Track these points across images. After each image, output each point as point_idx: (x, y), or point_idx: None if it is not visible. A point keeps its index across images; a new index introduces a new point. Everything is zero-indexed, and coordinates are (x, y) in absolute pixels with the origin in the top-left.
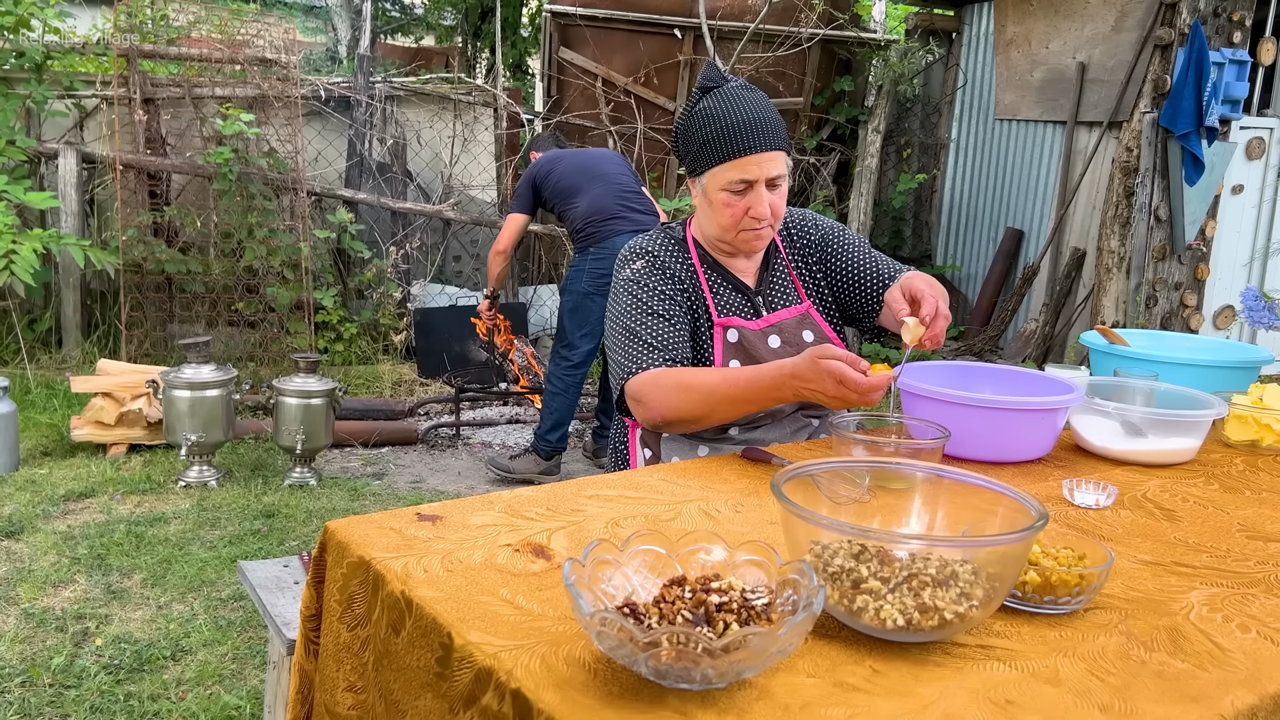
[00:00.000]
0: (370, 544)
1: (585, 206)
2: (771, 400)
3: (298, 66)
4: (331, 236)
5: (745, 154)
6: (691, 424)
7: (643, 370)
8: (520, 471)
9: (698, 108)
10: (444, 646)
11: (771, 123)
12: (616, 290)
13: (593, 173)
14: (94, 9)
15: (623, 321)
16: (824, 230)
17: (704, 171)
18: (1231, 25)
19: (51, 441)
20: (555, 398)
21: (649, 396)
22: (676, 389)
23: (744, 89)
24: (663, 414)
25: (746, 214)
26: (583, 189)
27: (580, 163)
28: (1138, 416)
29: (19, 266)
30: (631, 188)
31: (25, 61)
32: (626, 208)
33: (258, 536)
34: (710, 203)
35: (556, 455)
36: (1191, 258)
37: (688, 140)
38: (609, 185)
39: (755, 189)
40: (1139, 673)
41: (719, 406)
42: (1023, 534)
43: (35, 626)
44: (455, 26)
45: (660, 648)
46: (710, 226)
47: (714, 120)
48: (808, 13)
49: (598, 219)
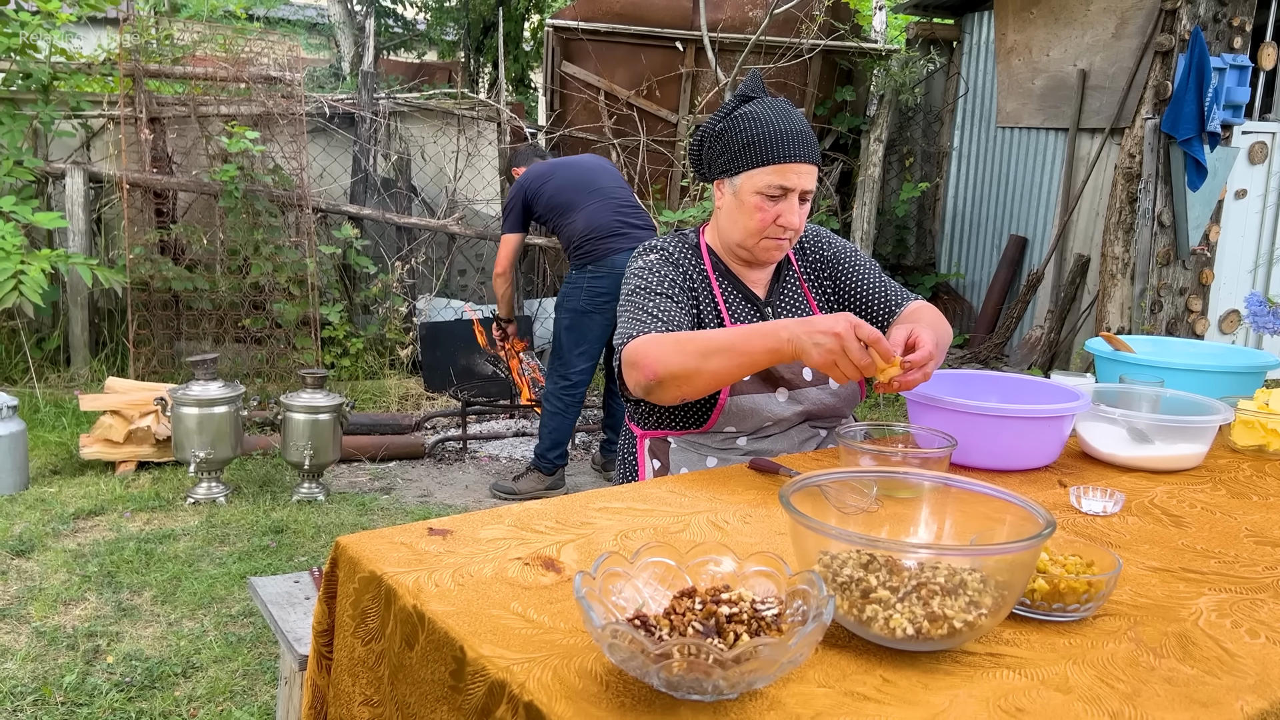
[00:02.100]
0: (382, 559)
1: (583, 223)
2: (767, 350)
3: (302, 84)
4: (337, 252)
5: (788, 161)
6: (684, 382)
7: (643, 335)
8: (525, 491)
9: (739, 112)
10: (457, 660)
11: (811, 139)
12: (629, 277)
13: (589, 187)
14: (99, 29)
15: (630, 300)
16: (837, 249)
17: (740, 172)
18: (1232, 30)
19: (60, 460)
20: (553, 418)
21: (645, 355)
22: (673, 343)
23: (786, 104)
24: (655, 371)
25: (775, 221)
26: (579, 204)
27: (574, 176)
28: (1144, 423)
29: (27, 287)
30: (629, 201)
31: (32, 83)
32: (625, 224)
33: (267, 552)
34: (741, 204)
35: (559, 469)
36: (1196, 263)
37: (724, 142)
38: (606, 200)
39: (789, 197)
40: (1148, 679)
41: (713, 357)
42: (1030, 542)
43: (47, 645)
44: (457, 41)
45: (671, 659)
46: (734, 230)
47: (760, 124)
48: (809, 24)
49: (596, 236)
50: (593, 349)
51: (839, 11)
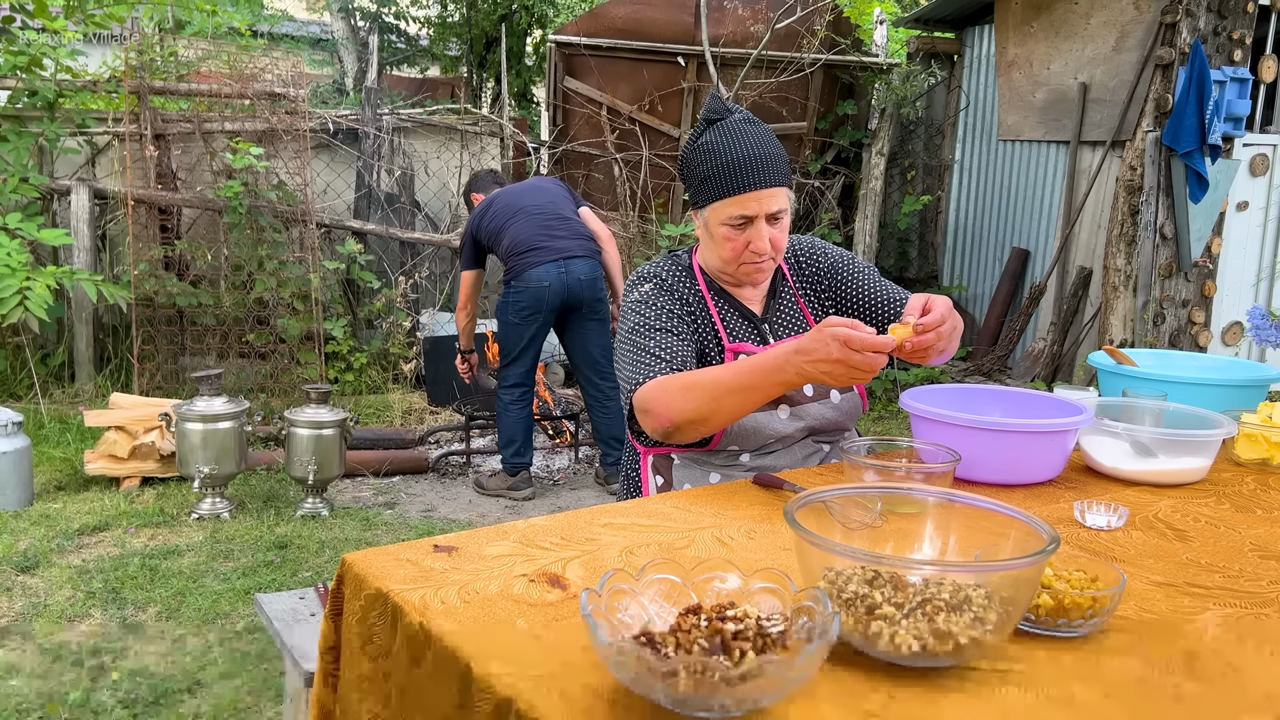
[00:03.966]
0: (387, 576)
1: (508, 242)
2: (777, 384)
3: (306, 100)
4: (341, 267)
5: (745, 190)
6: (700, 424)
7: (649, 379)
8: (491, 490)
9: (700, 141)
10: (464, 678)
11: (772, 158)
12: (625, 312)
13: (515, 208)
14: (104, 46)
15: (630, 339)
16: (833, 258)
17: (705, 205)
18: (1232, 44)
19: (65, 476)
20: (499, 418)
21: (655, 402)
22: (682, 389)
23: (747, 123)
24: (670, 418)
25: (747, 248)
26: (505, 227)
27: (506, 201)
28: (1147, 437)
29: (33, 303)
30: (554, 214)
31: (38, 100)
32: (547, 236)
33: (271, 568)
34: (711, 236)
35: (523, 470)
36: (1198, 274)
37: (688, 173)
38: (528, 218)
39: (755, 224)
40: (1154, 696)
41: (725, 399)
42: (1035, 558)
43: (52, 661)
44: (460, 57)
45: (678, 677)
46: (712, 259)
47: (715, 155)
48: (810, 38)
49: (517, 253)
50: (525, 355)
51: (840, 26)
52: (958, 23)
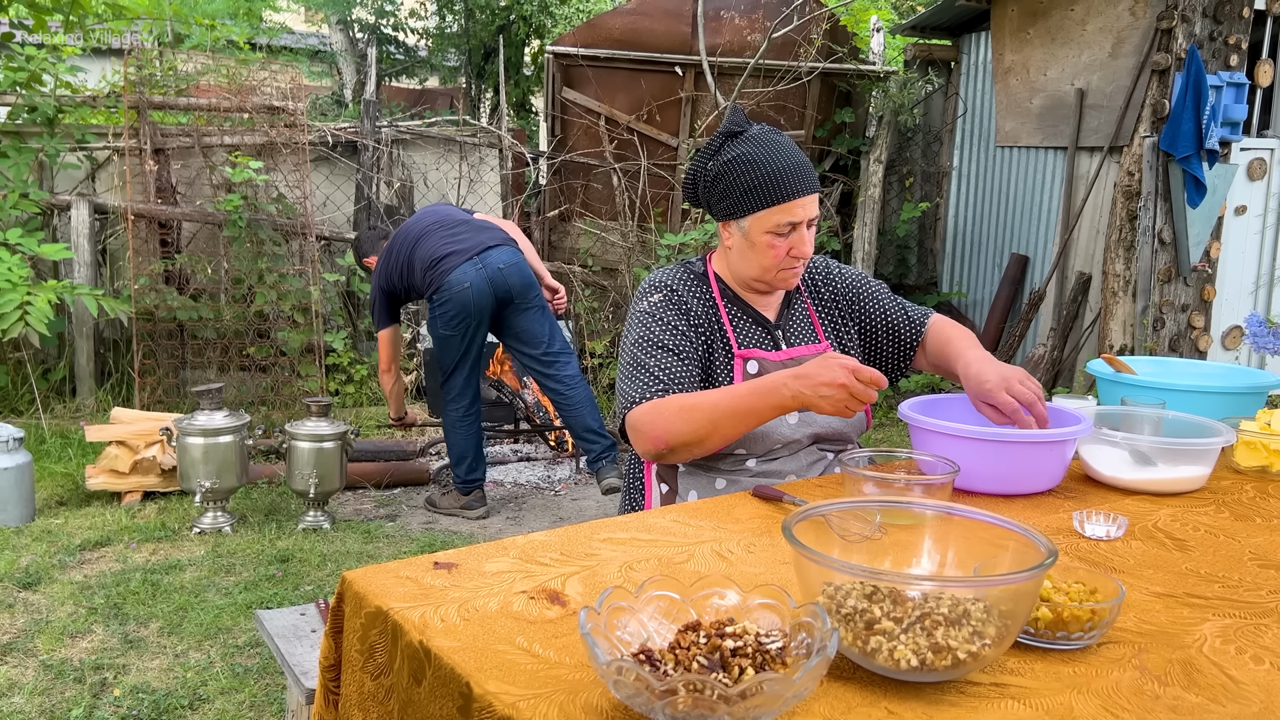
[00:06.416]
0: (387, 594)
1: (418, 266)
2: (771, 406)
3: (304, 113)
4: (341, 279)
5: (792, 198)
6: (694, 446)
7: (646, 400)
8: (444, 508)
9: (732, 154)
10: (464, 696)
11: (807, 166)
12: (631, 324)
13: (414, 235)
14: (103, 60)
15: (632, 353)
16: (849, 280)
17: (746, 215)
18: (1228, 48)
19: (67, 491)
20: (448, 434)
21: (648, 424)
22: (678, 411)
23: (773, 134)
24: (665, 440)
25: (789, 254)
26: (411, 254)
27: (402, 235)
28: (1146, 445)
29: (33, 318)
30: (453, 220)
31: (38, 116)
32: (453, 240)
33: (273, 582)
34: (753, 245)
35: (476, 490)
36: (1197, 279)
37: (722, 185)
38: (430, 235)
39: (799, 230)
40: (1153, 708)
41: (722, 421)
42: (1033, 572)
43: (54, 678)
44: (459, 68)
45: (677, 695)
46: (749, 267)
47: (756, 166)
48: (807, 47)
49: (429, 266)
50: (464, 364)
51: (837, 34)
52: (954, 30)
